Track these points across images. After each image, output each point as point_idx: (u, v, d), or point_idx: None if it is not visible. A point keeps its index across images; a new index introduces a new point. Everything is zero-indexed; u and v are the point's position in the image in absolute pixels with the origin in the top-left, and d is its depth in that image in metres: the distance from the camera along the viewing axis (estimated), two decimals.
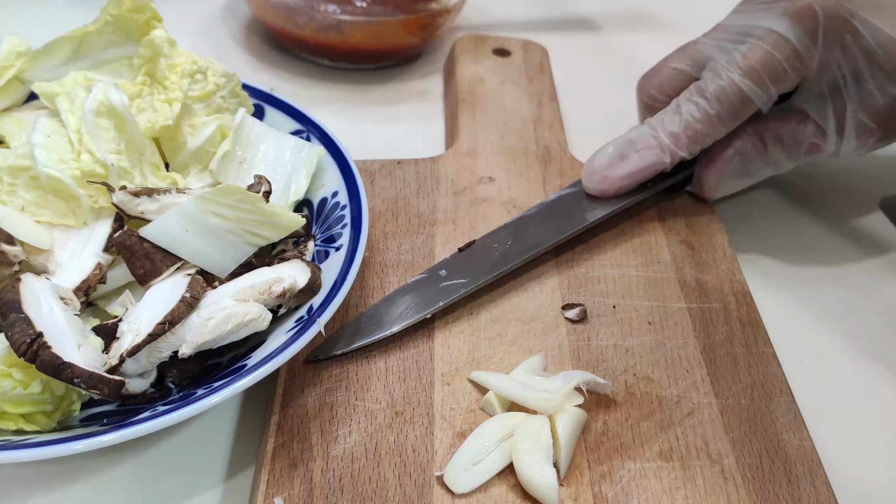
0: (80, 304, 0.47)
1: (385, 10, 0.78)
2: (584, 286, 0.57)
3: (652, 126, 0.60)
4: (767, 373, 0.52)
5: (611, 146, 0.60)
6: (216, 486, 0.46)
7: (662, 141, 0.59)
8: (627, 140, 0.60)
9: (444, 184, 0.64)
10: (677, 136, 0.59)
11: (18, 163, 0.50)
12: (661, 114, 0.60)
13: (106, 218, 0.50)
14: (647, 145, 0.59)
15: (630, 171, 0.59)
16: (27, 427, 0.43)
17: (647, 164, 0.59)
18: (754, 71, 0.57)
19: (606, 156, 0.60)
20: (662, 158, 0.59)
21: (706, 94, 0.58)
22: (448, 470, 0.44)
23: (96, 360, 0.43)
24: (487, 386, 0.48)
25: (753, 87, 0.57)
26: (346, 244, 0.52)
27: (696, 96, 0.58)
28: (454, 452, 0.45)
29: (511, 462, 0.45)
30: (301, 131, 0.60)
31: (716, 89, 0.58)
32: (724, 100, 0.58)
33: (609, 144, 0.60)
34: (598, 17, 0.98)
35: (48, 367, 0.41)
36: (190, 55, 0.57)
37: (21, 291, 0.43)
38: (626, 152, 0.60)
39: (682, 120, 0.59)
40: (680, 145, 0.59)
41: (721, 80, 0.58)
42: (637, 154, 0.59)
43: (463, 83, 0.76)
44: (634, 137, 0.60)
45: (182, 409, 0.41)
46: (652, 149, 0.59)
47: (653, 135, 0.59)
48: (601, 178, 0.60)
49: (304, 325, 0.46)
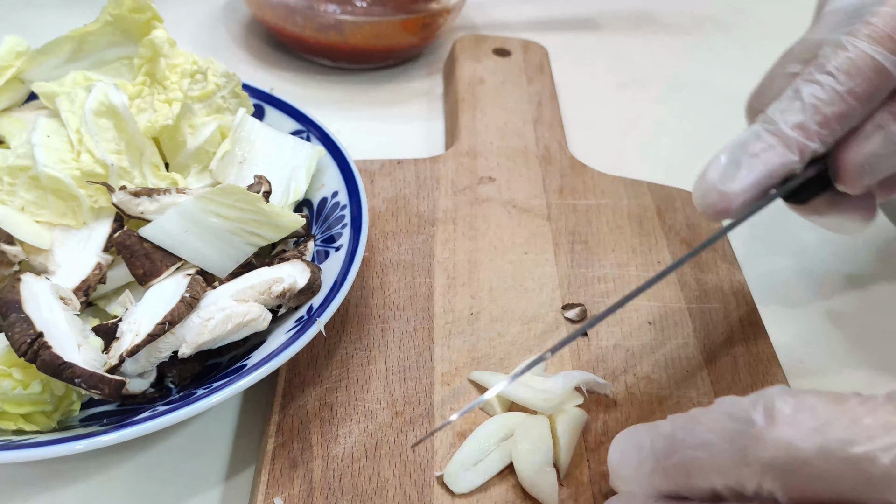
0: (80, 304, 0.47)
1: (385, 10, 0.78)
2: (584, 286, 0.57)
3: (769, 120, 0.48)
4: (767, 373, 0.52)
5: (722, 155, 0.49)
6: (216, 486, 0.46)
7: (786, 135, 0.47)
8: (740, 144, 0.49)
9: (444, 184, 0.64)
10: (804, 125, 0.47)
11: (18, 163, 0.50)
12: (777, 104, 0.49)
13: (106, 218, 0.50)
14: (768, 144, 0.48)
15: (753, 181, 0.47)
16: (27, 427, 0.43)
17: (771, 167, 0.47)
18: (886, 37, 0.46)
19: (719, 168, 0.48)
20: (789, 157, 0.47)
21: (829, 69, 0.47)
22: (448, 470, 0.44)
23: (96, 360, 0.43)
24: (487, 386, 0.49)
25: (888, 54, 0.46)
26: (346, 244, 0.52)
27: (817, 74, 0.47)
28: (454, 452, 0.45)
29: (511, 462, 0.45)
30: (301, 131, 0.60)
31: (842, 62, 0.47)
32: (854, 73, 0.47)
33: (719, 154, 0.49)
34: (598, 17, 0.98)
35: (49, 367, 0.41)
36: (190, 55, 0.57)
37: (21, 291, 0.43)
38: (741, 159, 0.48)
39: (806, 105, 0.47)
40: (810, 135, 0.47)
41: (847, 51, 0.47)
42: (756, 158, 0.47)
43: (463, 83, 0.76)
44: (748, 139, 0.48)
45: (182, 409, 0.41)
46: (774, 147, 0.48)
47: (771, 130, 0.48)
48: (718, 197, 0.48)
49: (304, 325, 0.46)
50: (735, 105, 0.85)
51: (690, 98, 0.85)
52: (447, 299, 0.55)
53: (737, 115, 0.84)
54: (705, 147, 0.82)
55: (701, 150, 0.78)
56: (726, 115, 0.84)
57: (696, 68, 0.91)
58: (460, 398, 0.49)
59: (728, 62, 0.93)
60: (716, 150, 0.49)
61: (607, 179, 0.67)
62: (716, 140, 0.83)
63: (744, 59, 0.94)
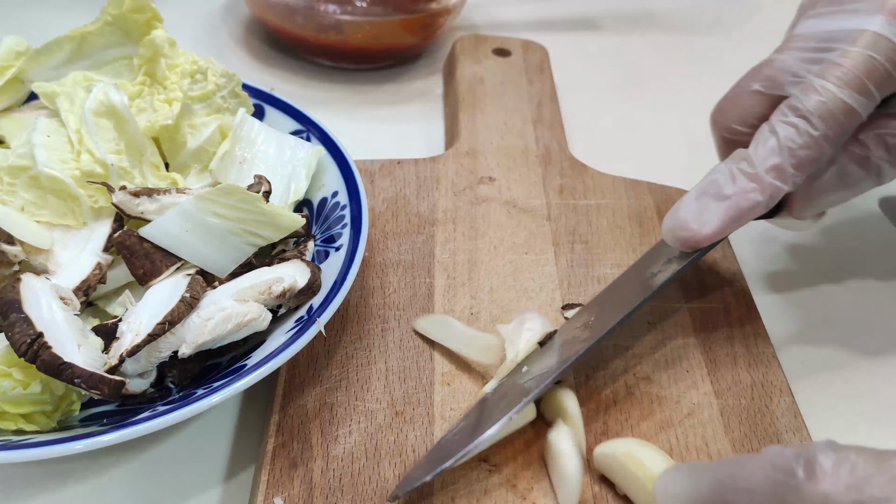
0: (80, 304, 0.47)
1: (385, 10, 0.78)
2: (584, 286, 0.57)
3: (746, 160, 0.49)
4: (767, 373, 0.52)
5: (694, 195, 0.50)
6: (216, 486, 0.46)
7: (762, 179, 0.49)
8: (713, 183, 0.49)
9: (444, 184, 0.64)
10: (780, 168, 0.48)
11: (18, 163, 0.50)
12: (754, 145, 0.50)
13: (106, 218, 0.50)
14: (743, 188, 0.49)
15: (724, 223, 0.49)
16: (27, 427, 0.43)
17: (743, 209, 0.49)
18: (856, 79, 0.48)
19: (692, 207, 0.49)
20: (760, 199, 0.49)
21: (804, 114, 0.48)
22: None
23: (96, 360, 0.43)
24: (432, 336, 0.50)
25: (858, 96, 0.48)
26: (346, 244, 0.52)
27: (793, 117, 0.49)
28: None
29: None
30: (301, 131, 0.60)
31: (816, 106, 0.48)
32: (827, 117, 0.48)
33: (691, 192, 0.50)
34: (598, 17, 0.98)
35: (49, 368, 0.41)
36: (190, 55, 0.57)
37: (21, 291, 0.43)
38: (714, 200, 0.49)
39: (783, 148, 0.48)
40: (785, 178, 0.49)
41: (819, 94, 0.49)
42: (730, 200, 0.49)
43: (463, 83, 0.76)
44: (722, 179, 0.49)
45: (182, 410, 0.41)
46: (748, 192, 0.49)
47: (747, 173, 0.49)
48: (688, 236, 0.49)
49: (304, 326, 0.46)
50: None
51: (690, 98, 0.85)
52: (447, 299, 0.55)
53: None
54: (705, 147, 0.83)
55: (701, 149, 0.78)
56: None
57: (696, 68, 0.91)
58: (460, 398, 0.49)
59: (728, 62, 0.93)
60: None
61: (607, 179, 0.67)
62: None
63: (744, 58, 0.94)
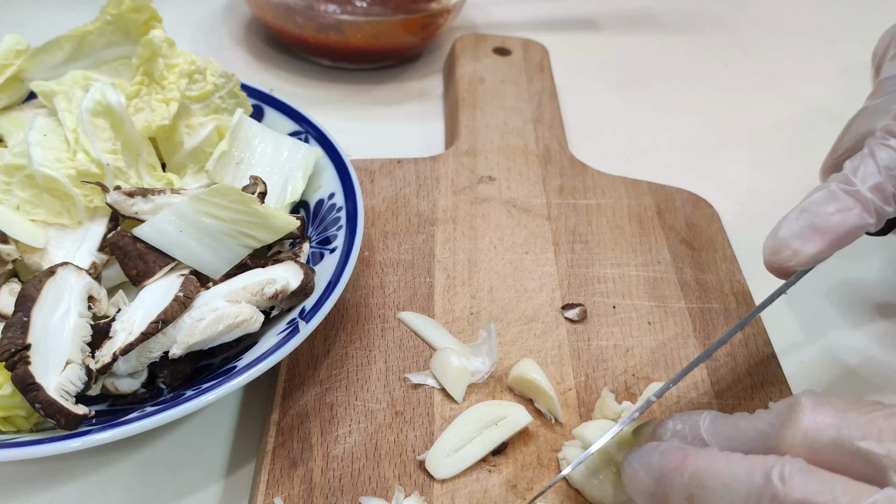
0: None
1: (385, 10, 0.78)
2: (584, 286, 0.57)
3: (845, 180, 0.48)
4: (767, 373, 0.52)
5: (796, 214, 0.48)
6: (216, 485, 0.46)
7: (863, 196, 0.47)
8: (815, 203, 0.48)
9: (444, 183, 0.64)
10: (882, 187, 0.47)
11: (14, 161, 0.50)
12: (852, 163, 0.48)
13: (101, 218, 0.50)
14: (845, 206, 0.47)
15: (829, 242, 0.46)
16: (5, 428, 0.42)
17: (847, 228, 0.47)
18: None
19: (794, 226, 0.47)
20: (866, 219, 0.47)
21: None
22: (430, 455, 0.44)
23: (75, 383, 0.42)
24: (414, 328, 0.52)
25: None
26: (341, 246, 0.51)
27: (891, 139, 0.48)
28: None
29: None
30: (299, 132, 0.60)
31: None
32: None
33: (792, 212, 0.48)
34: (598, 17, 0.98)
35: (18, 383, 0.41)
36: (188, 55, 0.57)
37: (44, 289, 0.43)
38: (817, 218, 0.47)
39: (883, 168, 0.47)
40: (887, 198, 0.47)
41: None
42: (833, 218, 0.47)
43: (463, 82, 0.76)
44: (823, 199, 0.47)
45: (171, 410, 0.40)
46: (851, 210, 0.47)
47: (849, 191, 0.47)
48: (791, 255, 0.47)
49: (295, 328, 0.46)
50: (735, 105, 0.85)
51: (690, 98, 0.85)
52: (447, 299, 0.55)
53: (737, 114, 0.84)
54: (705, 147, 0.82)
55: (701, 149, 0.78)
56: (726, 115, 0.84)
57: (696, 68, 0.91)
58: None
59: (728, 61, 0.93)
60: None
61: (607, 179, 0.67)
62: (716, 140, 0.83)
63: (744, 58, 0.94)
